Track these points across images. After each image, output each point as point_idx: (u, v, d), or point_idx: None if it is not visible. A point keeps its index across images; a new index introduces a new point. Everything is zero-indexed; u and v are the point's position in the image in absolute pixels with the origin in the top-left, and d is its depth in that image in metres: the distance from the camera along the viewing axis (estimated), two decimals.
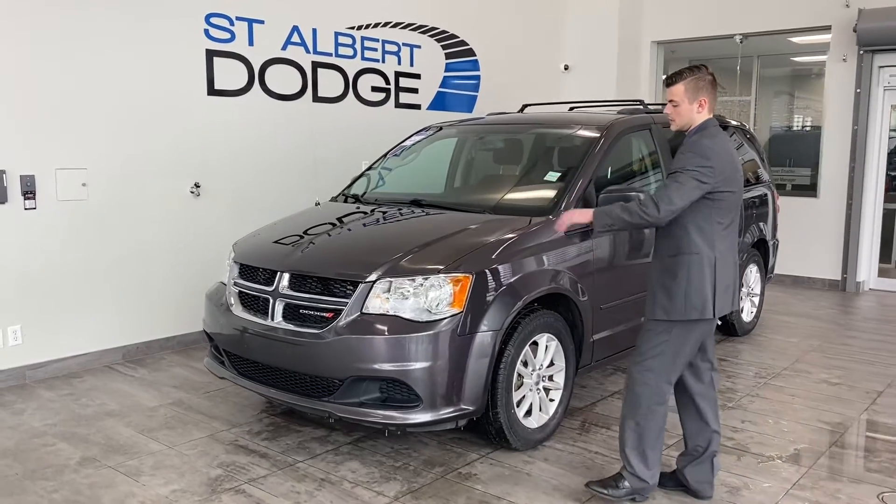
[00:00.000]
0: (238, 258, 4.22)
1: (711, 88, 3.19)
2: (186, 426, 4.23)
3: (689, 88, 3.16)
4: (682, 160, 3.11)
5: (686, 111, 3.19)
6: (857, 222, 8.27)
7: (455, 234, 3.91)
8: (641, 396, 3.22)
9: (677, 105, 3.20)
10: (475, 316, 3.57)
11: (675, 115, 3.24)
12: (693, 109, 3.18)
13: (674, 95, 3.20)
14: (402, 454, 3.86)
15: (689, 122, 3.21)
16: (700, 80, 3.17)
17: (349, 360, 3.53)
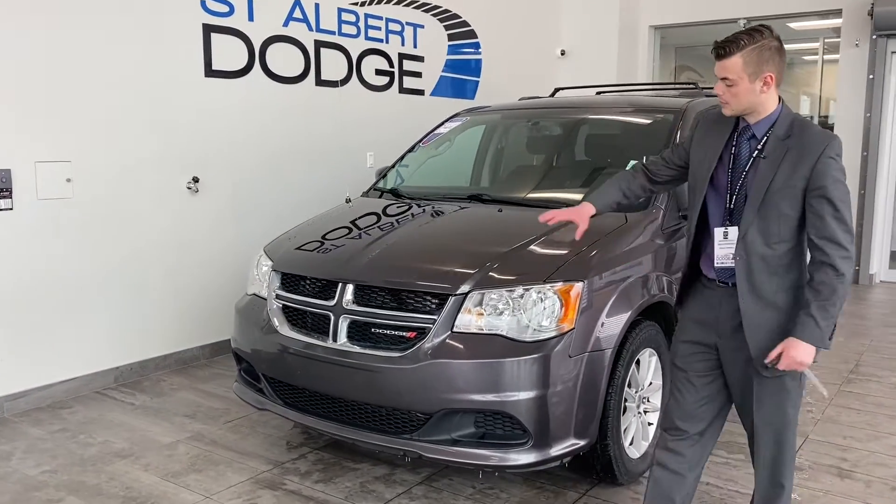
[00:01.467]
0: (279, 266, 3.53)
1: (780, 58, 2.29)
2: (218, 467, 3.54)
3: (749, 61, 2.24)
4: (837, 177, 2.23)
5: (746, 92, 2.27)
6: (870, 213, 8.02)
7: (546, 235, 3.31)
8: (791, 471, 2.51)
9: (733, 84, 2.28)
10: (587, 332, 3.00)
11: (729, 98, 2.31)
12: (756, 89, 2.27)
13: (728, 71, 2.27)
14: (489, 496, 3.27)
15: (750, 107, 2.32)
16: (764, 49, 2.24)
17: (440, 390, 2.92)
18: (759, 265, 2.33)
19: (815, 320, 2.21)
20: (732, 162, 2.40)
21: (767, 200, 2.29)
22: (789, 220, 2.29)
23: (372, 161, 6.43)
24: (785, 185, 2.26)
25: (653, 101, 4.43)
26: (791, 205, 2.27)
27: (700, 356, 2.51)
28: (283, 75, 5.61)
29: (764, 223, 2.31)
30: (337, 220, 3.93)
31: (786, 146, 2.29)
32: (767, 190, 2.29)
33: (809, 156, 2.23)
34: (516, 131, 4.60)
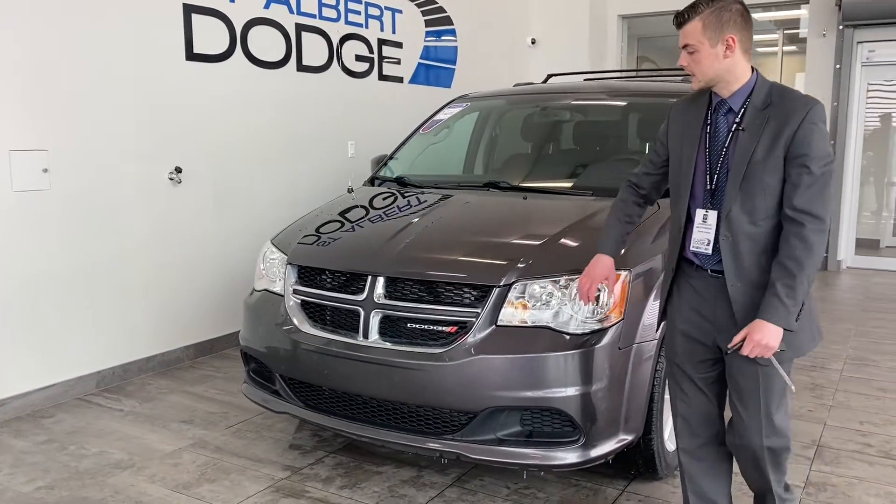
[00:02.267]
0: (296, 259, 3.30)
1: (743, 22, 2.19)
2: (231, 476, 3.30)
3: (708, 24, 2.16)
4: (820, 143, 2.12)
5: (709, 58, 2.17)
6: (836, 202, 8.18)
7: (583, 222, 3.18)
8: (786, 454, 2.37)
9: (695, 51, 2.18)
10: (634, 322, 2.88)
11: (693, 67, 2.21)
12: (719, 54, 2.16)
13: (688, 37, 2.19)
14: (527, 496, 3.12)
15: (717, 76, 2.20)
16: (724, 11, 2.16)
17: (486, 387, 2.75)
18: (746, 245, 2.19)
19: (779, 299, 2.09)
20: (709, 141, 2.28)
21: (749, 174, 2.17)
22: (774, 193, 2.16)
23: (353, 150, 6.20)
24: (768, 156, 2.14)
25: (663, 86, 4.34)
26: (774, 176, 2.15)
27: (698, 356, 2.39)
28: (265, 60, 5.34)
29: (748, 199, 2.18)
30: (350, 210, 3.71)
31: (766, 115, 2.17)
32: (749, 162, 2.16)
33: (791, 122, 2.12)
34: (524, 118, 4.45)
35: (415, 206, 3.62)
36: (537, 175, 4.00)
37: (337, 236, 3.39)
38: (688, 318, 2.39)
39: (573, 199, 3.49)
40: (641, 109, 4.19)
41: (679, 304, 2.43)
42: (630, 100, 4.26)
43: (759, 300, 2.15)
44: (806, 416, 3.99)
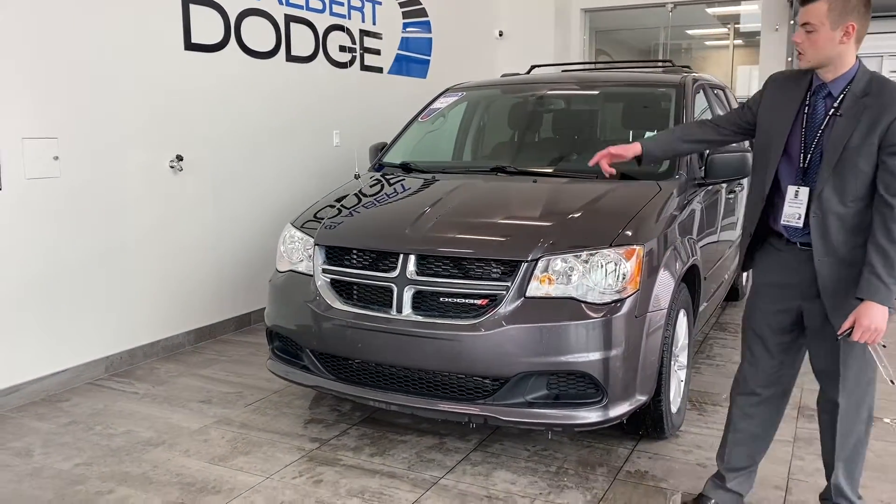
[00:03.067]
0: (323, 241, 3.46)
1: (865, 12, 2.30)
2: (263, 449, 3.45)
3: (834, 7, 2.26)
4: None
5: (826, 41, 2.28)
6: None
7: (595, 202, 3.43)
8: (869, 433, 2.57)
9: (813, 31, 2.29)
10: (647, 293, 3.14)
11: (807, 46, 2.32)
12: (836, 38, 2.28)
13: (811, 16, 2.28)
14: (546, 457, 3.36)
15: (827, 59, 2.33)
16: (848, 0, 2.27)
17: (518, 354, 2.98)
18: (835, 224, 2.35)
19: (880, 279, 2.23)
20: (806, 121, 2.41)
21: (844, 158, 2.31)
22: (866, 178, 2.30)
23: (338, 140, 6.33)
24: (863, 143, 2.28)
25: (651, 77, 4.63)
26: (868, 162, 2.29)
27: (778, 322, 2.56)
28: (257, 50, 5.43)
29: (840, 181, 2.33)
30: (366, 193, 3.89)
31: (863, 104, 2.30)
32: (845, 148, 2.30)
33: (887, 113, 2.26)
34: (522, 106, 4.67)
35: (430, 189, 3.81)
36: (540, 160, 4.24)
37: (361, 218, 3.57)
38: (772, 286, 2.56)
39: (578, 182, 3.73)
40: (633, 98, 4.46)
41: (763, 272, 2.60)
42: (620, 89, 4.54)
43: (843, 274, 2.34)
44: None
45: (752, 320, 2.66)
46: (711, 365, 4.66)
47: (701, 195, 3.95)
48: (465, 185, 3.79)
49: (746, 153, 3.87)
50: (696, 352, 4.91)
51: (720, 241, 4.51)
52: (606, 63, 5.57)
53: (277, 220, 5.61)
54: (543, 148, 4.44)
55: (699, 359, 4.77)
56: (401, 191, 3.88)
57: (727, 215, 4.71)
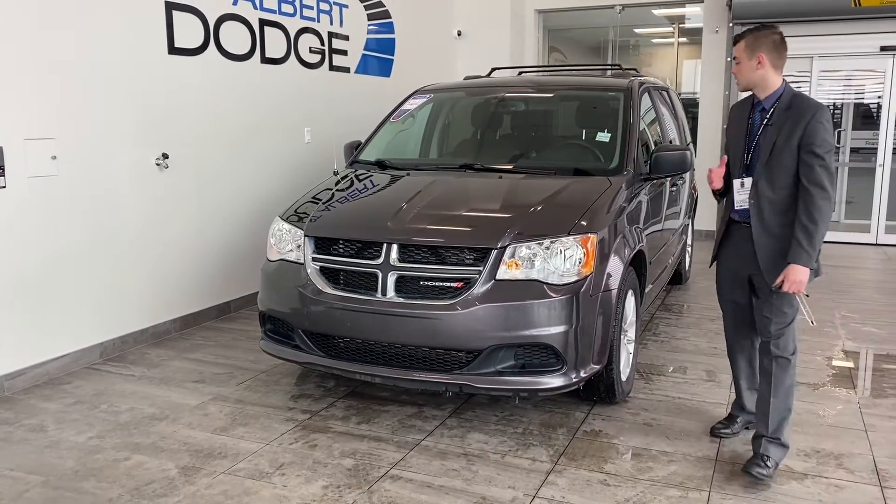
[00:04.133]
0: (312, 232, 3.85)
1: (772, 46, 3.04)
2: (260, 420, 3.83)
3: (748, 45, 3.07)
4: (824, 136, 2.96)
5: (746, 68, 3.09)
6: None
7: (554, 196, 3.89)
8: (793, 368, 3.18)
9: (738, 62, 3.12)
10: (600, 276, 3.61)
11: (737, 73, 3.15)
12: (753, 66, 3.06)
13: (736, 51, 3.13)
14: (513, 421, 3.82)
15: (751, 81, 3.11)
16: (760, 37, 3.05)
17: (489, 330, 3.42)
18: (767, 207, 3.09)
19: (803, 248, 2.96)
20: (749, 129, 3.19)
21: (773, 156, 3.05)
22: (789, 171, 3.03)
23: (309, 137, 6.69)
24: (786, 144, 3.01)
25: (601, 80, 5.11)
26: (790, 158, 3.01)
27: (738, 288, 3.33)
28: (235, 53, 5.75)
29: (770, 174, 3.06)
30: (347, 188, 4.28)
31: (786, 115, 3.05)
32: (773, 148, 3.04)
33: (802, 120, 2.99)
34: (485, 107, 5.10)
35: (405, 185, 4.22)
36: (503, 158, 4.67)
37: (346, 211, 3.97)
38: (731, 257, 3.34)
39: (538, 178, 4.19)
40: (585, 101, 4.94)
41: (727, 249, 3.35)
42: (573, 92, 5.02)
43: (776, 246, 3.06)
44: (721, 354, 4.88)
45: (720, 289, 3.49)
46: (657, 341, 5.18)
47: (646, 189, 4.44)
48: (437, 181, 4.21)
49: (686, 151, 4.38)
50: (644, 329, 5.43)
51: (664, 230, 5.02)
52: (560, 67, 6.02)
53: (255, 213, 5.97)
54: (505, 146, 4.89)
55: (646, 336, 5.29)
56: (379, 186, 4.28)
57: (670, 206, 5.23)
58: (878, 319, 5.74)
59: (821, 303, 6.16)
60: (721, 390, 4.26)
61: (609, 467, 3.32)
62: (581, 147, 4.61)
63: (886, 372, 4.60)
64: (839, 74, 9.32)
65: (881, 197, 9.01)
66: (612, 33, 12.05)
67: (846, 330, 5.44)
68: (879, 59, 8.81)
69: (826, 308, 6.02)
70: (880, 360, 4.83)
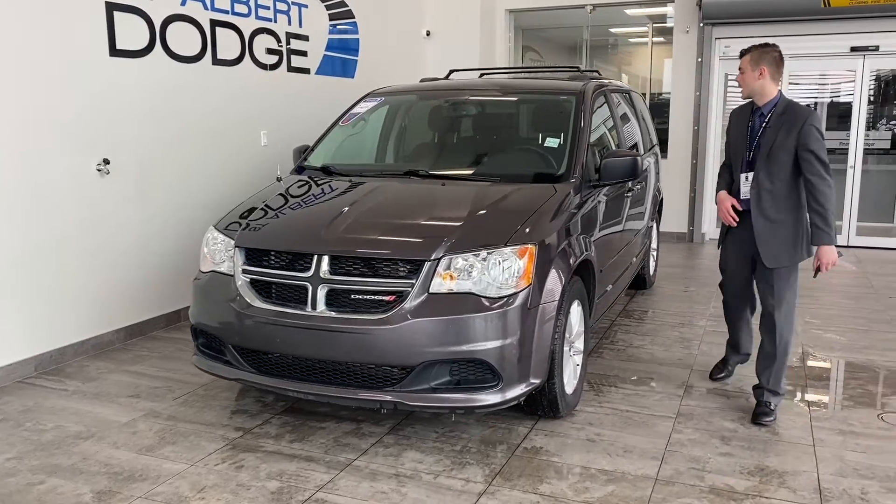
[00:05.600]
0: (243, 242, 3.70)
1: (772, 60, 3.67)
2: (189, 438, 3.68)
3: (752, 58, 3.70)
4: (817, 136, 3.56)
5: (750, 78, 3.72)
6: (701, 179, 9.21)
7: (495, 205, 3.76)
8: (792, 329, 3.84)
9: (742, 72, 3.74)
10: (539, 287, 3.48)
11: (741, 81, 3.77)
12: (755, 76, 3.69)
13: (741, 63, 3.75)
14: (452, 437, 3.69)
15: (752, 90, 3.73)
16: (763, 53, 3.69)
17: (422, 345, 3.28)
18: (766, 196, 3.69)
19: (822, 230, 3.55)
20: (750, 132, 3.79)
21: (772, 154, 3.64)
22: (785, 166, 3.63)
23: (265, 140, 6.53)
24: (783, 144, 3.61)
25: (555, 84, 4.98)
26: (786, 155, 3.61)
27: (741, 266, 3.97)
28: (183, 54, 5.59)
29: (769, 168, 3.66)
30: (286, 196, 4.13)
31: (782, 119, 3.64)
32: (771, 147, 3.65)
33: (797, 124, 3.58)
34: (435, 111, 4.97)
35: (346, 192, 4.08)
36: (450, 164, 4.54)
37: (279, 221, 3.81)
38: (737, 240, 3.92)
39: (483, 185, 4.05)
40: (536, 105, 4.81)
41: (735, 232, 3.92)
42: (525, 96, 4.89)
43: (771, 229, 3.68)
44: (677, 363, 4.77)
45: (726, 263, 4.09)
46: (613, 349, 5.06)
47: (597, 195, 4.32)
48: (378, 188, 4.07)
49: (637, 156, 4.26)
50: (601, 337, 5.31)
51: (621, 236, 4.90)
52: (520, 69, 5.90)
53: (206, 219, 5.79)
54: (454, 152, 4.75)
55: (603, 344, 5.17)
56: (318, 194, 4.13)
57: (629, 211, 5.11)
58: (841, 325, 5.65)
59: None
60: (672, 402, 4.14)
61: (544, 488, 3.20)
62: (529, 153, 4.48)
63: (843, 382, 4.50)
64: (810, 75, 9.25)
65: (852, 199, 8.93)
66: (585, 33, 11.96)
67: (807, 337, 5.34)
68: (850, 60, 8.73)
69: None
70: (837, 369, 4.73)
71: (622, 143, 5.15)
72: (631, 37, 12.80)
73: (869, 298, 6.50)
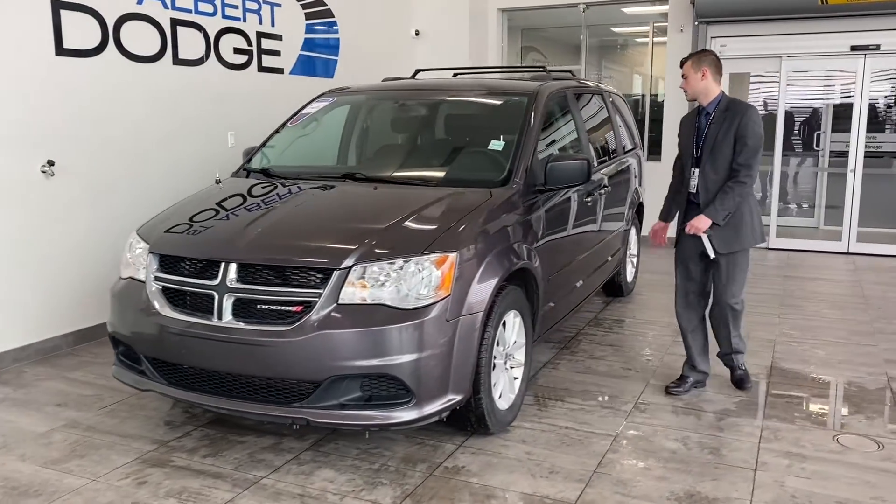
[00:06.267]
0: (156, 248, 3.56)
1: (711, 62, 3.97)
2: (100, 451, 3.55)
3: (693, 62, 3.98)
4: (754, 129, 3.86)
5: (693, 80, 3.98)
6: None
7: (421, 210, 3.57)
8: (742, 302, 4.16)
9: (686, 77, 4.01)
10: (461, 298, 3.29)
11: (686, 86, 4.04)
12: (698, 78, 3.96)
13: (684, 70, 4.02)
14: (374, 454, 3.51)
15: (696, 91, 4.00)
16: (702, 56, 4.01)
17: (328, 359, 3.11)
18: (712, 186, 3.96)
19: (714, 206, 3.89)
20: (697, 130, 4.05)
21: (716, 147, 3.94)
22: (727, 158, 3.92)
23: (233, 141, 6.40)
24: (724, 138, 3.91)
25: (509, 84, 4.77)
26: (728, 147, 3.90)
27: (694, 257, 4.12)
28: (139, 54, 5.48)
29: (713, 160, 3.96)
30: (211, 201, 3.98)
31: (724, 116, 3.93)
32: (715, 141, 3.94)
33: (736, 119, 3.89)
34: (382, 112, 4.80)
35: (272, 196, 3.92)
36: (390, 167, 4.35)
37: (195, 226, 3.66)
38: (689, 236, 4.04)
39: (417, 190, 3.87)
40: (485, 107, 4.61)
41: (683, 222, 4.09)
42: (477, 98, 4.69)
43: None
44: (634, 377, 4.54)
45: (681, 253, 4.22)
46: (571, 361, 4.84)
47: (543, 201, 4.11)
48: (306, 192, 3.91)
49: (584, 161, 4.06)
50: (563, 348, 5.10)
51: (577, 243, 4.67)
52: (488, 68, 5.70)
53: None
54: (396, 155, 4.57)
55: (563, 355, 4.95)
56: (247, 198, 3.98)
57: (592, 217, 4.88)
58: (820, 338, 5.37)
59: (766, 318, 5.80)
60: (617, 418, 3.92)
61: None
62: (473, 156, 4.28)
63: (804, 400, 4.24)
64: (810, 75, 8.93)
65: (852, 204, 8.58)
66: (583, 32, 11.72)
67: (781, 350, 5.08)
68: (850, 59, 8.39)
69: (768, 325, 5.65)
70: (803, 385, 4.47)
71: (584, 147, 4.92)
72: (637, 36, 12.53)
73: (857, 308, 6.19)
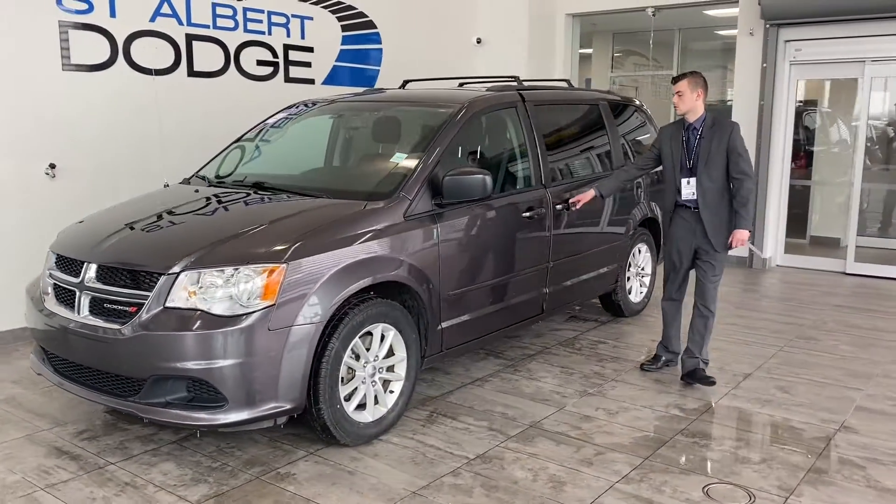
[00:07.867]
0: (55, 247, 3.94)
1: (704, 84, 4.47)
2: (5, 425, 3.97)
3: (689, 83, 4.41)
4: (741, 143, 4.38)
5: (689, 99, 4.41)
6: (763, 198, 8.18)
7: (279, 221, 3.68)
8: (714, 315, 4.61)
9: (682, 94, 4.42)
10: (289, 308, 3.35)
11: (679, 102, 4.44)
12: (693, 98, 4.41)
13: (680, 87, 4.43)
14: (225, 454, 3.65)
15: (690, 109, 4.43)
16: (697, 77, 4.46)
17: (150, 358, 3.30)
18: (709, 193, 4.42)
19: (742, 217, 4.35)
20: (686, 144, 4.50)
21: (710, 160, 4.39)
22: (720, 167, 4.38)
23: None
24: (716, 150, 4.38)
25: (443, 95, 4.74)
26: (721, 158, 4.37)
27: (686, 254, 4.58)
28: (151, 67, 5.97)
29: (708, 171, 4.40)
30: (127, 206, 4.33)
31: (713, 131, 4.41)
32: (709, 154, 4.39)
33: (725, 134, 4.38)
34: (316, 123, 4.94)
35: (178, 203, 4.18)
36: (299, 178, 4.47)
37: (87, 228, 4.01)
38: (682, 234, 4.57)
39: (298, 200, 3.97)
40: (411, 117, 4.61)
41: (676, 227, 4.60)
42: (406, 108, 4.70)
43: (715, 217, 4.42)
44: (549, 403, 4.34)
45: (672, 255, 4.68)
46: (505, 379, 4.71)
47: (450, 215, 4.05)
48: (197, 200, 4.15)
49: (487, 175, 3.97)
50: (508, 366, 4.95)
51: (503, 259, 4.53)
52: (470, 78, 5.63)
53: None
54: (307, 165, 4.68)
55: (503, 372, 4.82)
56: (155, 203, 4.26)
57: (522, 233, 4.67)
58: (804, 376, 4.81)
59: (759, 349, 5.29)
60: (488, 442, 3.79)
61: None
62: (364, 167, 4.31)
63: (711, 442, 3.84)
64: None
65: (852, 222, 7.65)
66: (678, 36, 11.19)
67: (747, 384, 4.62)
68: None
69: (754, 356, 5.15)
70: (729, 426, 4.05)
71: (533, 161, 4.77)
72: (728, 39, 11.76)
73: (889, 348, 5.46)
